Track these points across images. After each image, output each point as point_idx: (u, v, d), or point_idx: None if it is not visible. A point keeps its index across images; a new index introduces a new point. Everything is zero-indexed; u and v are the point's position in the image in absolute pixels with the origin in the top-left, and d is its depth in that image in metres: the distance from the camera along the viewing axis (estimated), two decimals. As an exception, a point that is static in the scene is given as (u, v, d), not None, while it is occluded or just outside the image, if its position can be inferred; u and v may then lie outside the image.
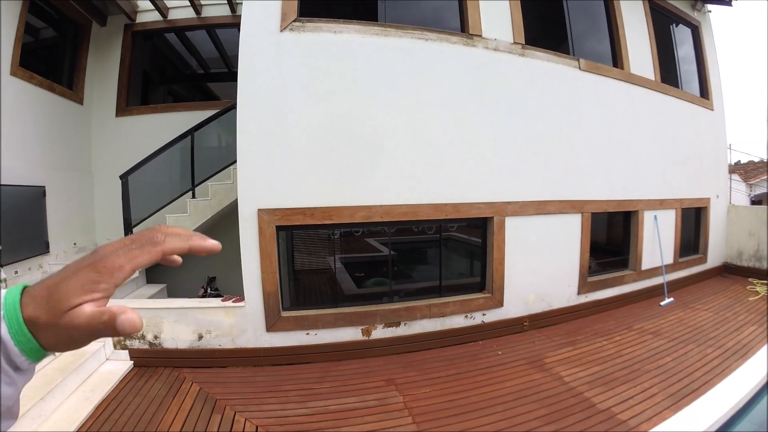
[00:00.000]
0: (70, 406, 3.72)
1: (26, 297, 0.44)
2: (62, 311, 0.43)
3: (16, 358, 0.42)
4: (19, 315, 0.42)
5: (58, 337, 0.44)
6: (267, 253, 4.39)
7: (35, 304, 0.43)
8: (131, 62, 7.67)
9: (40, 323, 0.43)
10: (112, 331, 0.44)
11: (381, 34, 4.57)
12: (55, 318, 0.43)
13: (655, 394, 3.82)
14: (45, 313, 0.43)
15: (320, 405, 3.65)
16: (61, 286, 0.43)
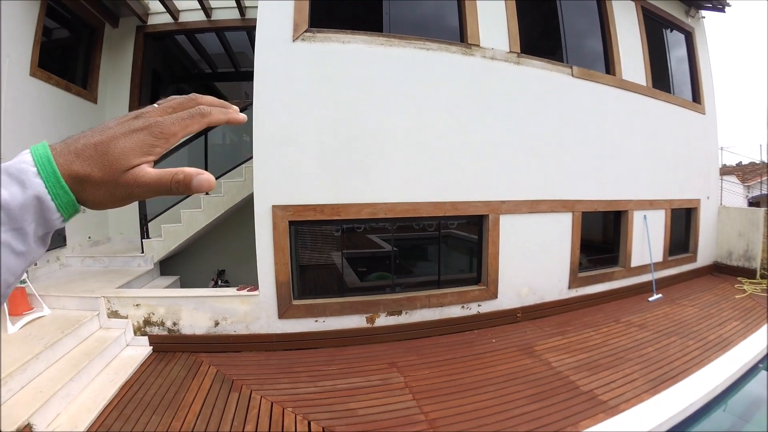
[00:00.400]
0: (96, 387, 4.04)
1: (65, 153, 0.43)
2: (122, 169, 0.45)
3: (50, 215, 0.42)
4: (56, 169, 0.42)
5: (112, 194, 0.45)
6: (280, 246, 4.77)
7: (83, 161, 0.43)
8: (143, 62, 8.03)
9: (92, 179, 0.43)
10: (185, 189, 0.47)
11: (385, 44, 4.94)
12: (114, 176, 0.44)
13: (636, 379, 4.15)
14: (100, 170, 0.44)
15: (329, 384, 4.03)
16: (115, 146, 0.45)
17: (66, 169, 0.42)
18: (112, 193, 0.45)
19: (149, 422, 3.43)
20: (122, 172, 0.45)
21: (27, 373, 3.66)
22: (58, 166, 0.42)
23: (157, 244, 6.21)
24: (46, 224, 0.43)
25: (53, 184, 0.41)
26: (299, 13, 4.66)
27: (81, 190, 0.44)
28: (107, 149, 0.44)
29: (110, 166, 0.44)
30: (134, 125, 0.46)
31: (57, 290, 5.14)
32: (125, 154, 0.45)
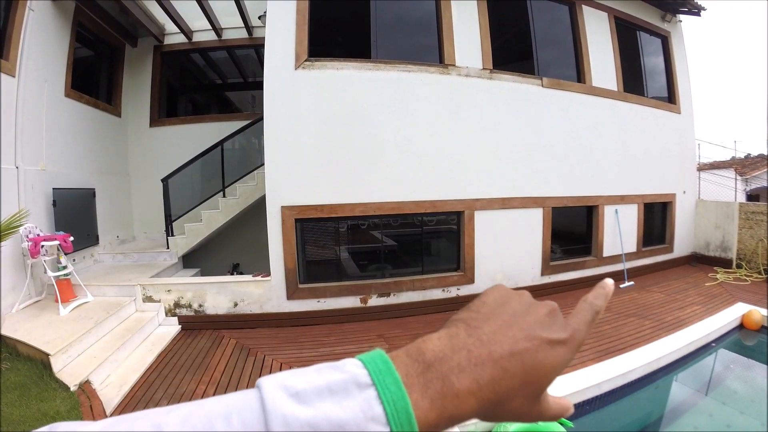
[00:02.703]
0: (138, 355, 4.90)
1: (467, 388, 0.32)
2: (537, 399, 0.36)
3: None
4: None
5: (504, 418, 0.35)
6: (288, 239, 5.69)
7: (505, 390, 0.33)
8: (160, 78, 8.86)
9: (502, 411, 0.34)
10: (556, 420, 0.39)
11: (373, 69, 5.84)
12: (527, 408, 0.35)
13: (585, 351, 4.68)
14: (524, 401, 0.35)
15: (327, 350, 4.94)
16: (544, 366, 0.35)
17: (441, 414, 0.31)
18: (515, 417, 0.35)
19: (183, 379, 4.31)
20: (537, 399, 0.36)
21: (82, 344, 4.53)
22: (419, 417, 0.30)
23: (181, 241, 7.09)
24: None
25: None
26: (300, 45, 5.57)
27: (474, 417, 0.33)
28: (536, 367, 0.34)
29: (534, 389, 0.35)
30: (558, 334, 0.37)
31: (97, 281, 6.02)
32: (551, 376, 0.35)
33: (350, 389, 0.30)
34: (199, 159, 7.35)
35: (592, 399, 4.02)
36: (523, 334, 0.36)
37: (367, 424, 0.29)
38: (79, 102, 7.11)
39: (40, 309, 5.26)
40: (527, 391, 0.35)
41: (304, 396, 0.30)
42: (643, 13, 8.52)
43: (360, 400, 0.30)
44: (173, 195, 7.10)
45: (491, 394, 0.33)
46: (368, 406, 0.30)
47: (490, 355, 0.34)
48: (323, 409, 0.29)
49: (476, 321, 0.38)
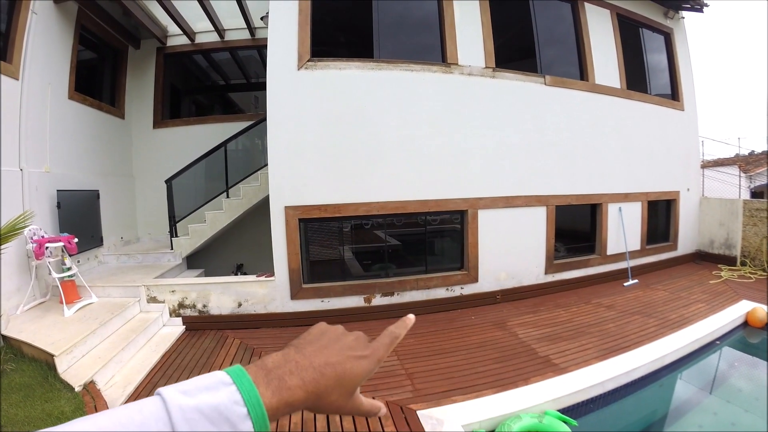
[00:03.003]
0: (142, 355, 4.92)
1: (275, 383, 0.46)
2: (350, 396, 0.52)
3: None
4: (264, 413, 0.44)
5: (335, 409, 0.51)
6: (292, 239, 5.70)
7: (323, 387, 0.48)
8: (164, 80, 8.89)
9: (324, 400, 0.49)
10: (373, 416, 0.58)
11: (376, 69, 5.83)
12: (346, 399, 0.51)
13: (589, 349, 4.75)
14: (335, 394, 0.49)
15: (331, 350, 4.92)
16: (351, 371, 0.51)
17: (280, 400, 0.45)
18: (335, 409, 0.51)
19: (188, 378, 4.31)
20: (350, 397, 0.52)
21: (87, 345, 4.55)
22: (265, 402, 0.44)
23: (185, 242, 7.12)
24: None
25: (260, 425, 0.43)
26: (302, 45, 5.58)
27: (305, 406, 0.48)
28: (345, 374, 0.51)
29: (346, 389, 0.51)
30: (360, 351, 0.53)
31: (102, 282, 6.04)
32: (358, 380, 0.51)
33: (219, 386, 0.44)
34: (203, 160, 7.38)
35: (597, 397, 4.04)
36: (335, 352, 0.53)
37: (233, 406, 0.42)
38: (82, 104, 7.15)
39: (45, 310, 5.30)
40: (341, 390, 0.51)
41: (189, 392, 0.42)
42: (646, 10, 8.49)
43: (226, 392, 0.43)
44: (177, 196, 7.14)
45: (314, 389, 0.48)
46: (232, 395, 0.43)
47: (311, 364, 0.50)
48: (203, 398, 0.42)
49: (302, 345, 0.53)
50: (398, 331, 0.61)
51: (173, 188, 7.08)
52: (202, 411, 0.41)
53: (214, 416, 0.41)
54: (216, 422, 0.41)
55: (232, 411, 0.42)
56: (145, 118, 8.79)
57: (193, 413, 0.41)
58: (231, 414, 0.42)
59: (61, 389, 3.80)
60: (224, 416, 0.41)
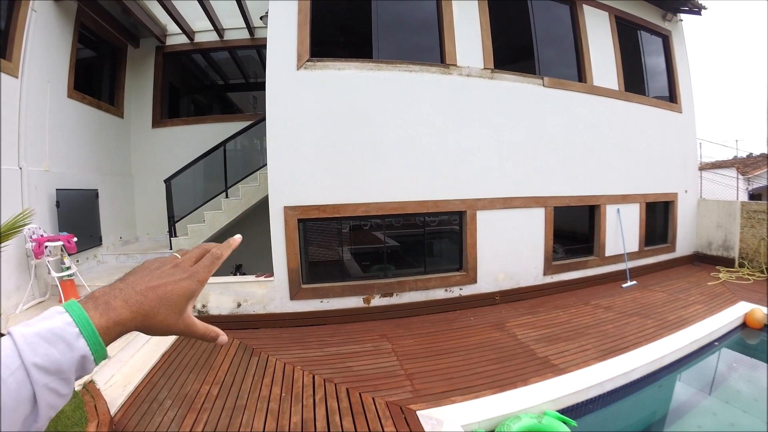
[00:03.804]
0: (142, 355, 4.89)
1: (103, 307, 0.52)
2: (179, 313, 0.57)
3: (88, 366, 0.50)
4: (95, 331, 0.49)
5: (167, 328, 0.57)
6: (291, 239, 5.70)
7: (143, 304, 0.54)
8: (163, 79, 8.86)
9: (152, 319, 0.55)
10: (210, 341, 0.64)
11: (375, 69, 5.84)
12: (174, 317, 0.57)
13: (588, 350, 4.77)
14: (163, 311, 0.55)
15: (332, 350, 4.95)
16: (172, 292, 0.56)
17: (108, 319, 0.51)
18: (167, 328, 0.57)
19: (187, 379, 4.32)
20: (179, 315, 0.57)
21: (86, 345, 4.55)
22: (95, 323, 0.50)
23: (184, 242, 7.07)
24: (83, 371, 0.50)
25: (94, 343, 0.49)
26: (302, 45, 5.59)
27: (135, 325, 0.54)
28: (167, 294, 0.56)
29: (171, 308, 0.56)
30: (179, 275, 0.58)
31: (101, 281, 6.01)
32: (180, 299, 0.57)
33: (54, 315, 0.50)
34: (202, 160, 7.37)
35: (596, 398, 4.05)
36: (155, 277, 0.58)
37: (66, 327, 0.48)
38: (81, 103, 7.12)
39: (44, 309, 5.15)
40: (167, 310, 0.56)
41: (30, 324, 0.48)
42: (644, 13, 8.53)
43: (60, 318, 0.49)
44: (176, 196, 7.10)
45: (139, 309, 0.54)
46: (65, 319, 0.49)
47: (134, 289, 0.55)
48: (41, 325, 0.48)
49: (127, 277, 0.58)
50: (220, 251, 0.66)
51: (172, 188, 7.03)
52: (40, 334, 0.47)
53: (51, 337, 0.47)
54: (53, 342, 0.47)
55: (66, 331, 0.48)
56: (144, 117, 8.77)
57: (33, 337, 0.46)
58: (65, 334, 0.48)
59: (60, 389, 3.77)
60: (59, 336, 0.47)
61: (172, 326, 0.57)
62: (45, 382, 0.46)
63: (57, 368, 0.46)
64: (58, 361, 0.46)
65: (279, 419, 3.53)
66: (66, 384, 0.48)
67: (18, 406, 0.44)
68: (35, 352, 0.46)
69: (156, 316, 0.55)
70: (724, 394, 4.50)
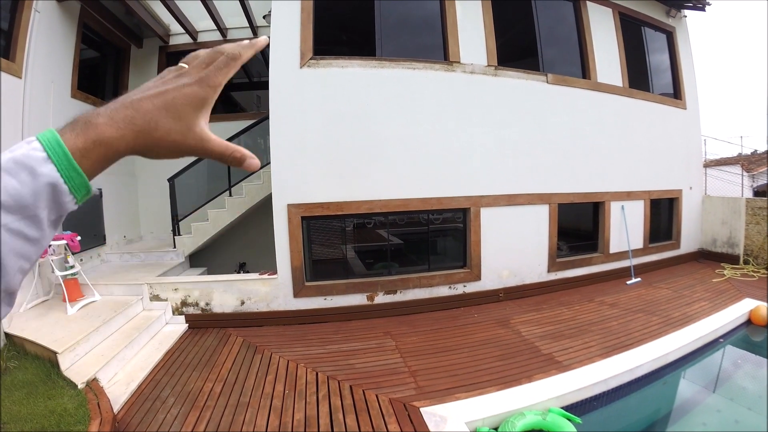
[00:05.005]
0: (145, 353, 4.93)
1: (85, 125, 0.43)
2: (188, 128, 0.47)
3: (63, 198, 0.42)
4: (66, 152, 0.41)
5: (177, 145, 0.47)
6: (294, 237, 5.70)
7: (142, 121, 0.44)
8: (165, 80, 8.91)
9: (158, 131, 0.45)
10: (238, 165, 0.51)
11: (378, 67, 5.83)
12: (183, 128, 0.47)
13: (592, 347, 4.76)
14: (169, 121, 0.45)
15: (335, 347, 4.95)
16: (175, 99, 0.46)
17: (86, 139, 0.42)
18: (173, 146, 0.47)
19: (190, 377, 4.33)
20: (188, 129, 0.47)
21: (90, 342, 4.56)
22: (69, 144, 0.42)
23: (188, 240, 7.13)
24: (59, 208, 0.42)
25: (65, 167, 0.41)
26: (305, 43, 5.59)
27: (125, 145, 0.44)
28: (167, 103, 0.46)
29: (175, 119, 0.46)
30: (184, 81, 0.48)
31: (104, 280, 6.06)
32: (186, 107, 0.47)
33: (22, 145, 0.41)
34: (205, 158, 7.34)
35: (600, 395, 4.04)
36: (153, 87, 0.47)
37: (30, 152, 0.40)
38: (85, 103, 7.14)
39: (48, 308, 5.30)
40: (170, 121, 0.46)
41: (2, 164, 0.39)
42: (648, 9, 8.49)
43: (27, 146, 0.41)
44: (179, 194, 7.14)
45: (130, 124, 0.44)
46: (31, 145, 0.41)
47: (123, 103, 0.45)
48: (3, 157, 0.40)
49: (119, 97, 0.47)
50: (238, 50, 0.52)
51: (176, 187, 7.08)
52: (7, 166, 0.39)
53: (11, 167, 0.39)
54: (13, 172, 0.39)
55: (30, 157, 0.40)
56: (148, 117, 8.74)
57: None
58: (28, 160, 0.40)
59: (63, 386, 3.80)
60: (21, 164, 0.40)
61: (179, 143, 0.48)
62: (4, 221, 0.39)
63: (17, 202, 0.39)
64: (18, 192, 0.39)
65: (282, 416, 3.53)
66: (34, 224, 0.41)
67: None
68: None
69: (154, 130, 0.45)
70: (729, 391, 4.49)
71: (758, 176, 17.90)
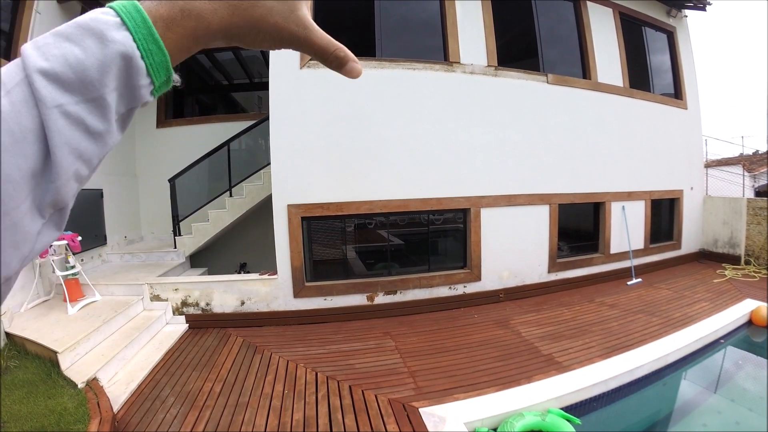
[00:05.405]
0: (146, 353, 4.94)
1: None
2: (292, 9, 0.40)
3: (139, 81, 0.33)
4: (146, 18, 0.32)
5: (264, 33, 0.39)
6: (294, 237, 5.71)
7: None
8: (167, 80, 8.93)
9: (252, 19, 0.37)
10: (338, 67, 0.44)
11: (378, 67, 5.83)
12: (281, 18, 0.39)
13: (593, 347, 4.75)
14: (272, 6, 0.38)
15: (335, 347, 4.95)
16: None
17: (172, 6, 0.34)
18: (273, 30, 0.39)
19: (190, 377, 4.34)
20: (290, 11, 0.40)
21: (90, 342, 4.57)
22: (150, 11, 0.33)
23: (188, 240, 7.14)
24: (132, 94, 0.34)
25: (144, 37, 0.32)
26: (304, 43, 5.57)
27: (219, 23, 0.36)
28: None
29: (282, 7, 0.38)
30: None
31: (105, 280, 6.07)
32: None
33: (91, 13, 0.32)
34: (206, 159, 7.39)
35: (600, 396, 4.03)
36: None
37: (99, 16, 0.32)
38: (86, 103, 7.12)
39: (49, 308, 5.31)
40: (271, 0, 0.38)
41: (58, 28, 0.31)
42: (648, 9, 8.48)
43: (94, 11, 0.32)
44: (180, 195, 7.14)
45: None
46: (100, 10, 0.32)
47: None
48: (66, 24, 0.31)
49: None
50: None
51: (176, 187, 7.08)
52: (59, 33, 0.31)
53: (75, 32, 0.31)
54: (74, 37, 0.31)
55: (98, 20, 0.32)
56: (149, 118, 8.82)
57: (47, 38, 0.31)
58: (96, 23, 0.31)
59: (64, 386, 3.81)
60: (86, 28, 0.31)
61: (280, 27, 0.40)
62: (60, 101, 0.29)
63: (79, 76, 0.30)
64: (81, 62, 0.30)
65: (281, 416, 3.53)
66: (99, 110, 0.31)
67: (17, 145, 0.28)
68: (46, 54, 0.30)
69: (253, 7, 0.37)
70: (730, 392, 4.48)
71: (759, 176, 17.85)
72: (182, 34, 0.35)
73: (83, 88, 0.30)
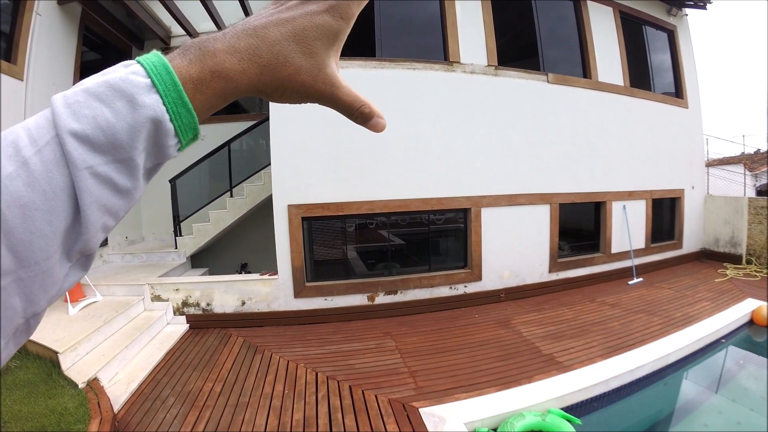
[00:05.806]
0: (146, 353, 4.94)
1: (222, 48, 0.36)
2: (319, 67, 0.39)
3: (167, 141, 0.34)
4: (176, 81, 0.33)
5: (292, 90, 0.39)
6: (295, 237, 5.72)
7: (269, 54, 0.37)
8: (168, 81, 8.95)
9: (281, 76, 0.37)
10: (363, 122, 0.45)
11: (378, 67, 5.84)
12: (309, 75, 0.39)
13: (594, 347, 4.75)
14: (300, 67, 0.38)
15: (334, 348, 4.95)
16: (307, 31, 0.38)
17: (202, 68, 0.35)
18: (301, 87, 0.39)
19: (191, 377, 4.34)
20: (319, 68, 0.39)
21: (91, 342, 4.57)
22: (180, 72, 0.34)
23: (189, 241, 7.14)
24: (159, 153, 0.34)
25: (174, 101, 0.33)
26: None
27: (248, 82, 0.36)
28: (298, 32, 0.37)
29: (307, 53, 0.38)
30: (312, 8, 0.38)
31: (106, 280, 6.07)
32: (317, 41, 0.38)
33: (118, 68, 0.34)
34: (207, 159, 7.40)
35: (601, 396, 4.02)
36: (275, 13, 0.39)
37: (130, 77, 0.32)
38: (86, 104, 7.13)
39: (50, 308, 5.22)
40: (300, 59, 0.38)
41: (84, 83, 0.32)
42: (649, 8, 8.47)
43: (124, 70, 0.33)
44: (181, 195, 7.15)
45: (256, 58, 0.36)
46: (131, 69, 0.33)
47: (245, 28, 0.37)
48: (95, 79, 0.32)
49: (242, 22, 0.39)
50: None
51: (177, 187, 7.09)
52: (90, 91, 0.31)
53: (105, 92, 0.31)
54: (105, 98, 0.31)
55: (129, 82, 0.32)
56: (150, 120, 8.78)
57: (78, 96, 0.31)
58: (127, 85, 0.32)
59: (64, 386, 3.81)
60: (117, 90, 0.31)
61: (307, 85, 0.39)
62: (90, 162, 0.30)
63: (109, 139, 0.30)
64: (112, 126, 0.30)
65: (281, 416, 3.53)
66: (127, 170, 0.32)
67: (48, 203, 0.29)
68: (77, 114, 0.30)
69: (282, 66, 0.37)
70: (731, 392, 4.47)
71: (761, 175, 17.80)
72: (210, 95, 0.36)
73: (113, 150, 0.31)
